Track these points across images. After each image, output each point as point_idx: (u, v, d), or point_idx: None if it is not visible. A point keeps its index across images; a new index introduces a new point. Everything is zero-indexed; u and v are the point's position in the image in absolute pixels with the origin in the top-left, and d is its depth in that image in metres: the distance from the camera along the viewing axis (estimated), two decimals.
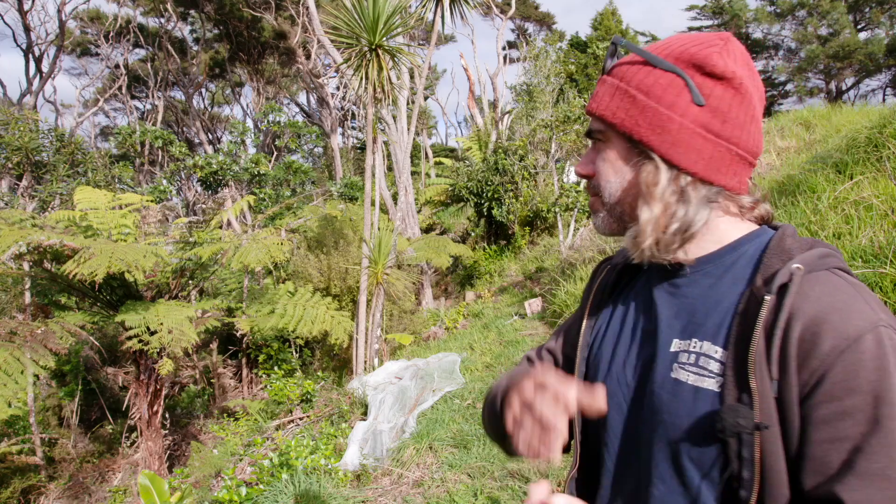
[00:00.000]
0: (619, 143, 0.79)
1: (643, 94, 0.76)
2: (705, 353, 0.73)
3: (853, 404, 0.63)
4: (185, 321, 5.11)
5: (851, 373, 0.64)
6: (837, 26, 22.29)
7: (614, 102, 0.78)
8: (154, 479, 2.91)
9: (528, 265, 11.09)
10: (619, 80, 0.78)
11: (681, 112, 0.74)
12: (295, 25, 21.92)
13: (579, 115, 10.70)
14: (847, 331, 0.64)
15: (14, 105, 19.21)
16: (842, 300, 0.67)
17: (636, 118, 0.76)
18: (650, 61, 0.76)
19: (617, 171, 0.80)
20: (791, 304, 0.67)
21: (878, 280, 3.11)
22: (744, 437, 0.67)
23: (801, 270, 0.69)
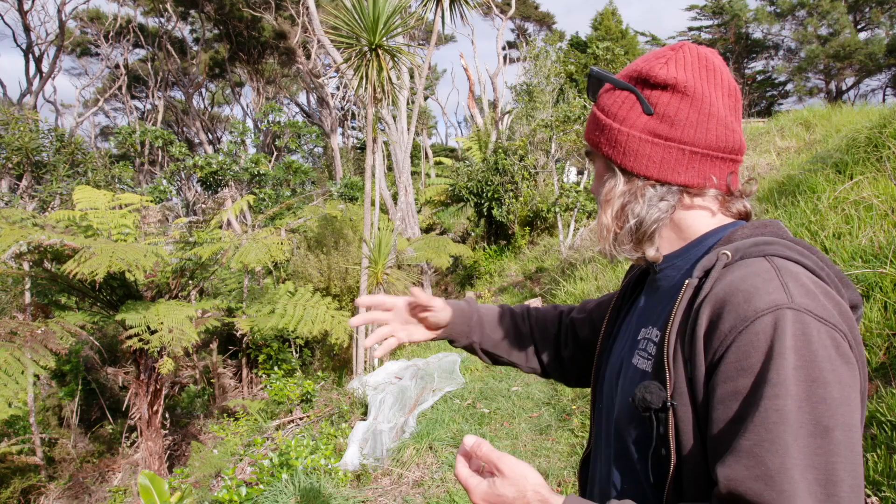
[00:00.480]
0: (599, 161, 0.88)
1: (604, 115, 0.84)
2: (650, 338, 0.80)
3: (744, 384, 0.65)
4: (185, 320, 5.11)
5: (744, 353, 0.65)
6: (837, 26, 22.29)
7: (590, 127, 0.87)
8: (154, 479, 2.90)
9: (528, 265, 11.09)
10: (595, 107, 0.87)
11: (630, 124, 0.81)
12: (295, 25, 21.92)
13: (579, 114, 10.69)
14: (746, 312, 0.65)
15: (14, 105, 19.21)
16: (752, 283, 0.67)
17: (599, 137, 0.84)
18: (613, 84, 0.84)
19: (601, 186, 0.87)
20: (708, 288, 0.70)
21: (878, 280, 3.11)
22: (659, 414, 0.71)
23: (727, 256, 0.72)
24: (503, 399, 4.93)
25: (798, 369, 0.62)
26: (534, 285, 9.84)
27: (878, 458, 2.30)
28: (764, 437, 0.61)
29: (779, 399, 0.61)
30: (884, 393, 2.57)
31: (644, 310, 0.88)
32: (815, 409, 0.61)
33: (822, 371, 0.62)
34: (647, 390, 0.71)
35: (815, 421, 0.61)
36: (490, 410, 4.75)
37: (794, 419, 0.61)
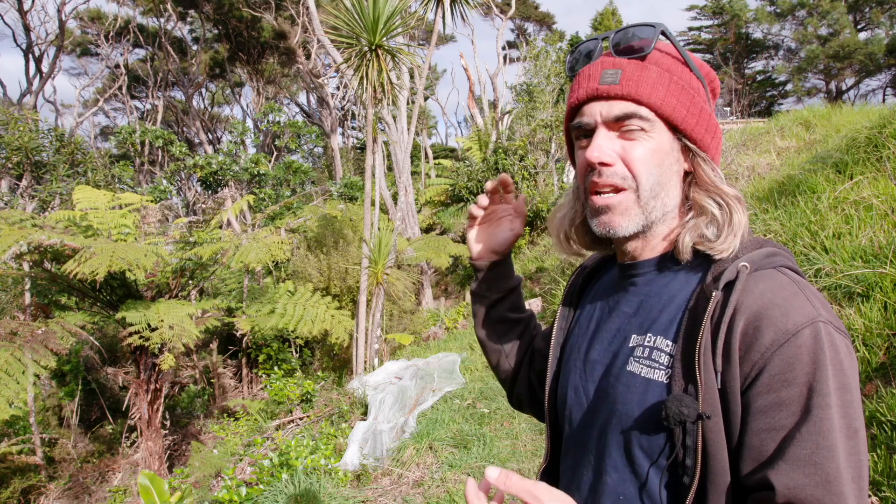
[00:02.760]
0: (664, 136, 0.77)
1: (697, 95, 0.78)
2: (657, 347, 0.77)
3: (788, 395, 0.66)
4: (185, 317, 5.11)
5: (788, 365, 0.67)
6: (837, 26, 22.29)
7: (672, 96, 0.76)
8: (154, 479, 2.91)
9: (528, 265, 11.08)
10: (668, 73, 0.77)
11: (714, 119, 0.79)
12: (295, 25, 21.92)
13: None
14: (786, 325, 0.67)
15: (14, 105, 19.21)
16: (782, 296, 0.70)
17: (697, 117, 0.77)
18: (689, 64, 0.79)
19: (660, 164, 0.77)
20: (736, 301, 0.70)
21: (878, 280, 3.11)
22: (687, 426, 0.70)
23: (746, 268, 0.72)
24: (503, 399, 4.93)
25: (834, 378, 0.66)
26: (534, 285, 9.84)
27: (878, 458, 2.30)
28: (821, 444, 0.65)
29: (829, 409, 0.65)
30: (884, 393, 2.57)
31: (629, 315, 0.83)
32: (848, 414, 0.66)
33: (848, 378, 0.67)
34: (683, 403, 0.69)
35: (848, 425, 0.66)
36: (490, 410, 4.75)
37: (839, 425, 0.65)
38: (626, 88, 0.76)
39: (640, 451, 0.76)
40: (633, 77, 0.76)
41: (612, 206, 0.79)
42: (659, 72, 0.77)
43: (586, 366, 0.87)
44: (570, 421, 0.89)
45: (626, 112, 0.76)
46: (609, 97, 0.77)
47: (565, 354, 0.94)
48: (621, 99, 0.76)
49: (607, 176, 0.78)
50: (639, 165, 0.77)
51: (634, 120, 0.76)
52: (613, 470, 0.79)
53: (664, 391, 0.74)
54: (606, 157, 0.77)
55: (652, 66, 0.77)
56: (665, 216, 0.80)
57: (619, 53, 0.79)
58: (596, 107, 0.78)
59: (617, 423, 0.78)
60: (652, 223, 0.80)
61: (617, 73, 0.77)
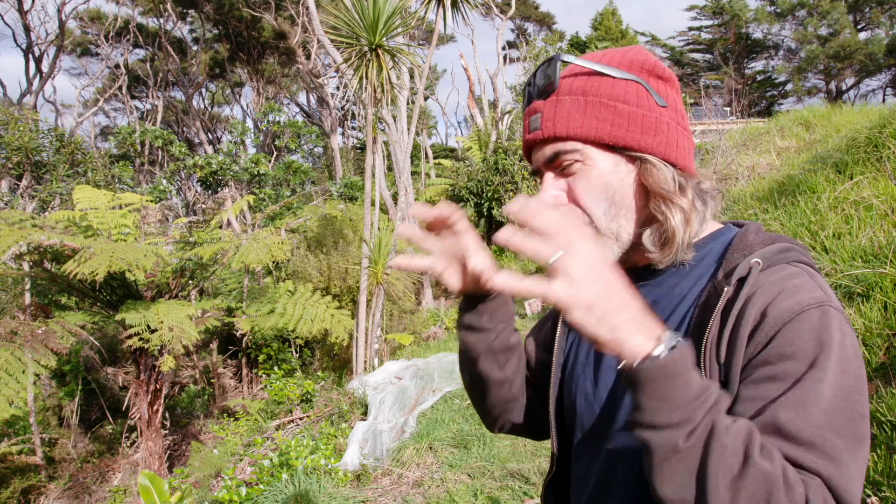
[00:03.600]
0: (603, 158, 0.77)
1: (623, 103, 0.76)
2: None
3: (785, 369, 0.64)
4: (185, 319, 5.11)
5: (789, 341, 0.65)
6: (837, 26, 22.29)
7: (590, 118, 0.75)
8: (154, 479, 2.90)
9: (529, 265, 11.09)
10: (582, 96, 0.77)
11: (658, 114, 0.76)
12: (295, 25, 21.92)
13: None
14: (792, 305, 0.66)
15: (14, 105, 19.21)
16: (793, 283, 0.69)
17: (626, 126, 0.75)
18: (606, 73, 0.77)
19: (607, 187, 0.77)
20: (747, 293, 0.69)
21: (878, 280, 3.11)
22: None
23: (759, 264, 0.71)
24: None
25: (839, 361, 0.63)
26: None
27: (878, 458, 2.30)
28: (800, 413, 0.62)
29: (822, 384, 0.62)
30: (884, 393, 2.57)
31: None
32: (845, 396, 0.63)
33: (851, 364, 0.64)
34: None
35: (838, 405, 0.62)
36: None
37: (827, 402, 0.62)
38: (546, 131, 0.77)
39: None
40: (550, 116, 0.77)
41: None
42: (572, 99, 0.77)
43: (597, 372, 0.85)
44: (581, 428, 0.87)
45: (553, 152, 0.77)
46: (537, 143, 0.79)
47: (570, 361, 0.92)
48: (546, 143, 0.78)
49: None
50: (585, 199, 0.77)
51: (564, 156, 0.77)
52: (625, 476, 0.78)
53: None
54: (554, 199, 0.78)
55: (564, 97, 0.77)
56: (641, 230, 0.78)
57: (539, 97, 0.80)
58: (534, 155, 0.81)
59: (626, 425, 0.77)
60: (628, 241, 0.78)
61: (537, 117, 0.79)
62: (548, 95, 0.79)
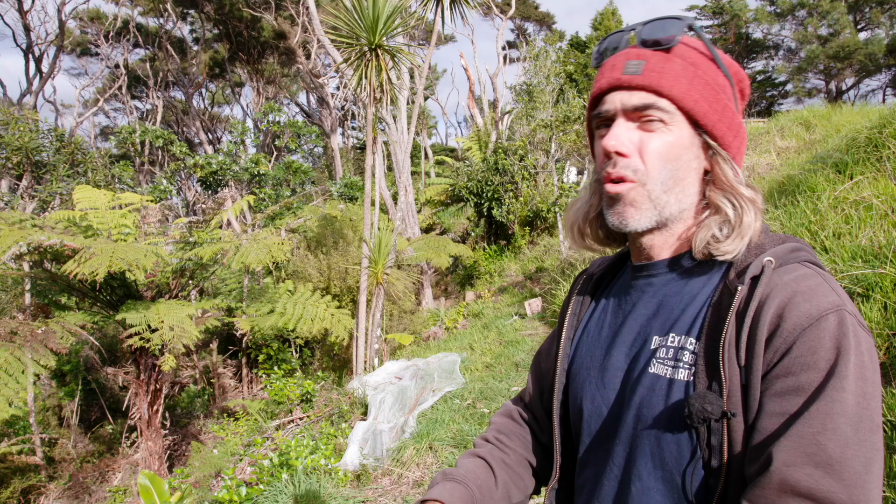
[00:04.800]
0: (685, 130, 0.76)
1: (723, 93, 0.76)
2: (682, 347, 0.75)
3: (807, 380, 0.64)
4: (185, 318, 5.11)
5: (810, 349, 0.65)
6: (837, 26, 22.29)
7: (695, 90, 0.75)
8: (154, 479, 2.90)
9: (528, 265, 11.08)
10: (693, 67, 0.76)
11: (739, 119, 0.78)
12: (295, 25, 21.92)
13: (579, 115, 10.70)
14: (810, 311, 0.66)
15: (14, 105, 19.20)
16: (807, 285, 0.69)
17: (720, 114, 0.76)
18: (717, 61, 0.77)
19: (676, 158, 0.76)
20: (761, 293, 0.69)
21: (878, 280, 3.11)
22: (712, 424, 0.68)
23: (772, 263, 0.71)
24: (503, 399, 4.93)
25: (856, 367, 0.64)
26: (534, 285, 9.84)
27: None
28: (828, 426, 0.62)
29: (844, 392, 0.63)
30: (884, 393, 2.57)
31: (648, 316, 0.81)
32: (866, 405, 0.63)
33: (868, 371, 0.65)
34: (706, 401, 0.67)
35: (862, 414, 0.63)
36: (490, 410, 4.75)
37: (852, 412, 0.62)
38: (647, 79, 0.75)
39: (667, 454, 0.73)
40: (656, 68, 0.75)
41: (623, 196, 0.77)
42: (683, 65, 0.75)
43: (604, 374, 0.84)
44: (588, 433, 0.86)
45: (645, 102, 0.75)
46: (630, 87, 0.76)
47: (575, 366, 0.91)
48: (642, 89, 0.75)
49: (621, 167, 0.76)
50: (653, 158, 0.75)
51: (653, 111, 0.75)
52: (637, 478, 0.76)
53: (688, 390, 0.72)
54: (623, 146, 0.76)
55: (676, 59, 0.76)
56: (682, 213, 0.78)
57: (645, 46, 0.78)
58: (617, 96, 0.77)
59: (642, 428, 0.75)
60: (667, 219, 0.78)
61: (640, 63, 0.76)
62: (661, 48, 0.77)
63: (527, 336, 7.05)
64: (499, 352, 6.56)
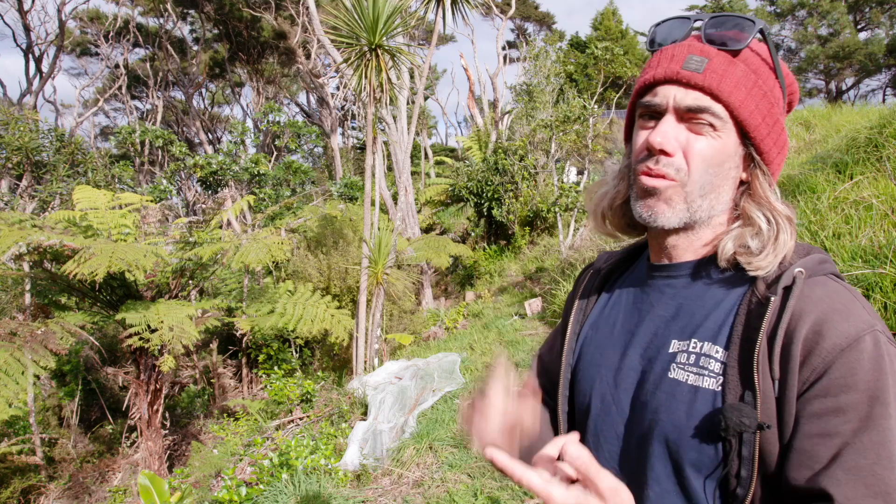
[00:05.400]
0: (732, 138, 0.74)
1: (777, 106, 0.75)
2: (706, 354, 0.73)
3: (847, 401, 0.64)
4: (185, 319, 5.11)
5: (849, 370, 0.65)
6: (837, 26, 22.29)
7: (752, 100, 0.72)
8: (154, 479, 2.90)
9: (528, 265, 11.09)
10: (755, 75, 0.73)
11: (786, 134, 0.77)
12: (295, 25, 21.92)
13: (579, 114, 10.70)
14: (848, 330, 0.66)
15: (14, 105, 19.20)
16: (842, 302, 0.69)
17: (769, 128, 0.74)
18: (776, 70, 0.75)
19: (719, 165, 0.74)
20: (794, 306, 0.69)
21: (878, 280, 3.11)
22: (745, 436, 0.67)
23: (802, 274, 0.71)
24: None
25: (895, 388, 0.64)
26: (534, 285, 9.84)
27: None
28: (882, 455, 0.62)
29: (891, 419, 0.63)
30: None
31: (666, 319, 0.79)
32: None
33: None
34: (743, 413, 0.67)
35: None
36: None
37: None
38: (708, 80, 0.72)
39: (687, 462, 0.72)
40: (719, 70, 0.72)
41: (659, 190, 0.75)
42: (746, 71, 0.73)
43: (617, 374, 0.82)
44: (593, 432, 0.84)
45: (700, 105, 0.72)
46: (688, 84, 0.73)
47: (582, 363, 0.89)
48: (700, 90, 0.72)
49: (663, 165, 0.74)
50: (697, 161, 0.73)
51: (706, 115, 0.72)
52: (656, 483, 0.75)
53: (716, 400, 0.70)
54: (669, 146, 0.73)
55: (740, 63, 0.73)
56: (710, 219, 0.77)
57: (711, 42, 0.74)
58: (671, 90, 0.74)
59: (660, 433, 0.74)
60: (695, 222, 0.77)
61: (703, 61, 0.72)
62: (726, 48, 0.73)
63: (527, 336, 7.05)
64: (499, 352, 6.56)
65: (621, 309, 0.87)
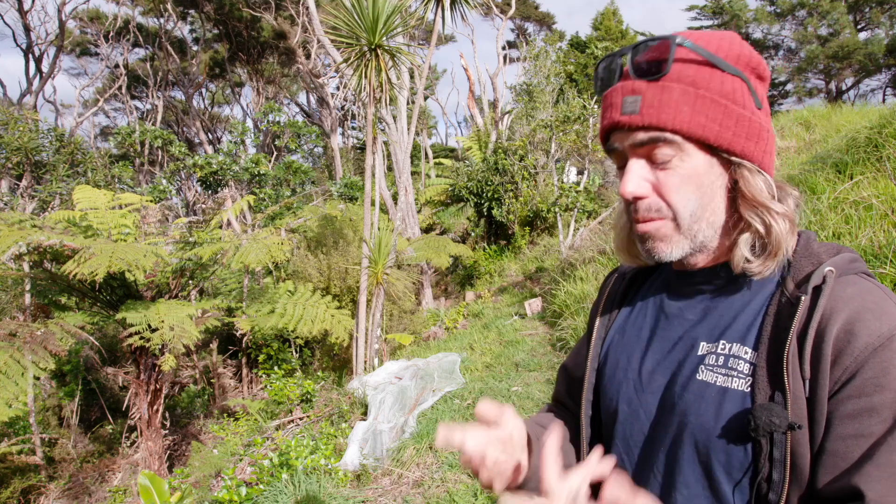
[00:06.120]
0: (700, 156, 0.72)
1: (730, 102, 0.72)
2: (734, 355, 0.73)
3: (881, 401, 0.63)
4: (186, 318, 5.11)
5: (883, 370, 0.63)
6: (837, 26, 22.29)
7: (700, 114, 0.70)
8: (154, 479, 2.90)
9: (528, 265, 11.09)
10: (692, 87, 0.71)
11: (759, 117, 0.73)
12: (295, 25, 21.92)
13: (579, 114, 10.70)
14: (881, 329, 0.65)
15: (14, 105, 19.20)
16: (874, 301, 0.68)
17: (733, 129, 0.71)
18: (717, 65, 0.72)
19: (699, 187, 0.73)
20: (825, 305, 0.68)
21: (879, 280, 3.11)
22: (776, 437, 0.67)
23: (833, 273, 0.70)
24: (503, 399, 4.93)
25: None
26: (534, 285, 9.84)
27: None
28: None
29: None
30: None
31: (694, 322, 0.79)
32: None
33: None
34: (773, 413, 0.66)
35: None
36: None
37: None
38: (646, 118, 0.71)
39: (717, 464, 0.71)
40: (654, 103, 0.71)
41: (651, 234, 0.76)
42: (682, 89, 0.71)
43: (644, 378, 0.82)
44: (621, 436, 0.84)
45: (651, 136, 0.72)
46: (631, 129, 0.73)
47: (608, 367, 0.88)
48: (643, 129, 0.72)
49: (643, 210, 0.75)
50: (674, 196, 0.73)
51: (661, 145, 0.72)
52: (685, 486, 0.74)
53: (745, 400, 0.70)
54: (639, 190, 0.74)
55: (673, 85, 0.71)
56: (715, 233, 0.76)
57: (638, 74, 0.73)
58: (619, 135, 0.76)
59: (689, 436, 0.73)
60: (701, 243, 0.76)
61: (637, 100, 0.72)
62: (654, 77, 0.72)
63: (527, 336, 7.05)
64: (499, 352, 6.56)
65: (648, 313, 0.87)
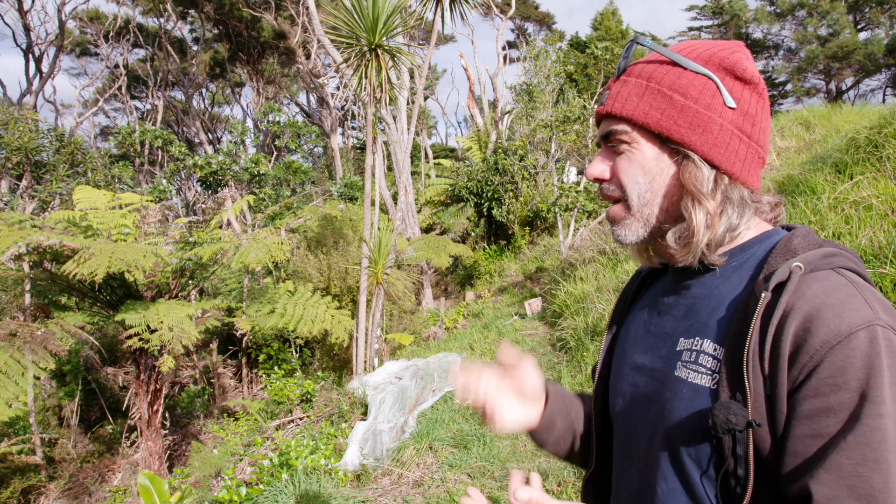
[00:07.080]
0: (649, 144, 0.78)
1: (680, 95, 0.75)
2: (704, 351, 0.74)
3: (837, 401, 0.62)
4: (185, 319, 5.11)
5: (839, 369, 0.62)
6: (837, 26, 22.29)
7: (645, 103, 0.77)
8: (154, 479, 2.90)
9: (528, 265, 11.09)
10: (646, 81, 0.77)
11: (718, 113, 0.75)
12: (295, 25, 21.92)
13: (579, 114, 10.69)
14: (839, 327, 0.63)
15: (14, 105, 19.20)
16: (837, 298, 0.66)
17: (675, 118, 0.75)
18: (679, 63, 0.76)
19: (647, 172, 0.78)
20: (787, 302, 0.67)
21: (878, 280, 3.11)
22: (737, 434, 0.67)
23: (800, 269, 0.69)
24: None
25: (891, 386, 0.61)
26: (534, 285, 9.84)
27: None
28: (868, 456, 0.60)
29: (882, 419, 0.60)
30: None
31: (678, 318, 0.81)
32: None
33: None
34: (731, 411, 0.66)
35: None
36: None
37: (892, 437, 0.60)
38: (608, 107, 0.80)
39: (689, 460, 0.73)
40: (614, 94, 0.80)
41: (610, 216, 0.83)
42: (637, 83, 0.78)
43: (637, 372, 0.85)
44: (618, 429, 0.88)
45: (608, 129, 0.81)
46: (601, 118, 0.83)
47: (615, 362, 0.93)
48: (607, 118, 0.81)
49: (605, 190, 0.83)
50: (623, 177, 0.80)
51: (617, 136, 0.79)
52: (663, 481, 0.76)
53: (711, 398, 0.71)
54: (597, 172, 0.83)
55: (631, 79, 0.79)
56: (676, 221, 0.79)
57: (617, 74, 0.83)
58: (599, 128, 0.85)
59: (665, 430, 0.75)
60: (660, 230, 0.79)
61: (607, 93, 0.82)
62: (620, 75, 0.82)
63: (527, 336, 7.05)
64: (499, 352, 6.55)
65: (646, 310, 0.91)
